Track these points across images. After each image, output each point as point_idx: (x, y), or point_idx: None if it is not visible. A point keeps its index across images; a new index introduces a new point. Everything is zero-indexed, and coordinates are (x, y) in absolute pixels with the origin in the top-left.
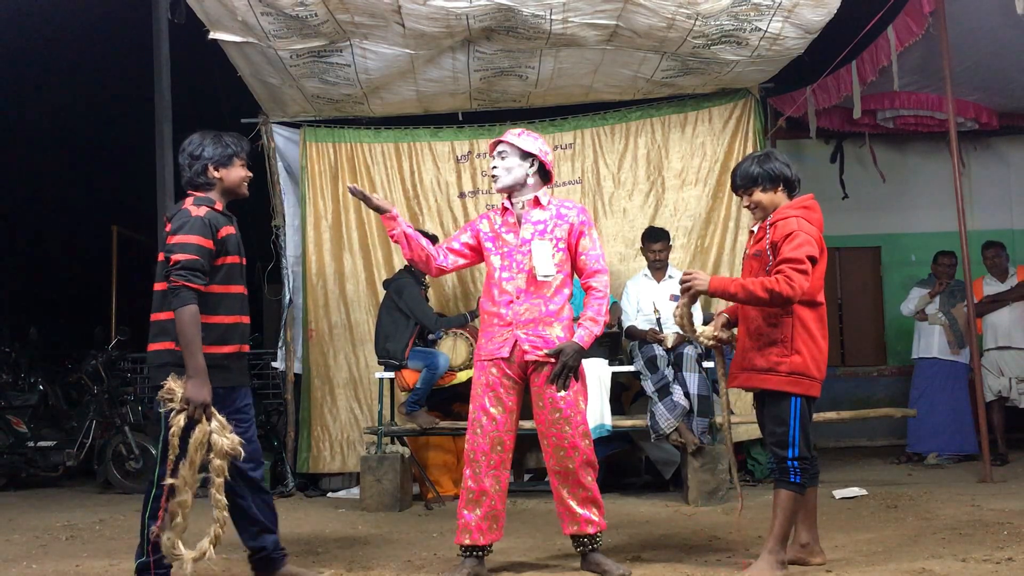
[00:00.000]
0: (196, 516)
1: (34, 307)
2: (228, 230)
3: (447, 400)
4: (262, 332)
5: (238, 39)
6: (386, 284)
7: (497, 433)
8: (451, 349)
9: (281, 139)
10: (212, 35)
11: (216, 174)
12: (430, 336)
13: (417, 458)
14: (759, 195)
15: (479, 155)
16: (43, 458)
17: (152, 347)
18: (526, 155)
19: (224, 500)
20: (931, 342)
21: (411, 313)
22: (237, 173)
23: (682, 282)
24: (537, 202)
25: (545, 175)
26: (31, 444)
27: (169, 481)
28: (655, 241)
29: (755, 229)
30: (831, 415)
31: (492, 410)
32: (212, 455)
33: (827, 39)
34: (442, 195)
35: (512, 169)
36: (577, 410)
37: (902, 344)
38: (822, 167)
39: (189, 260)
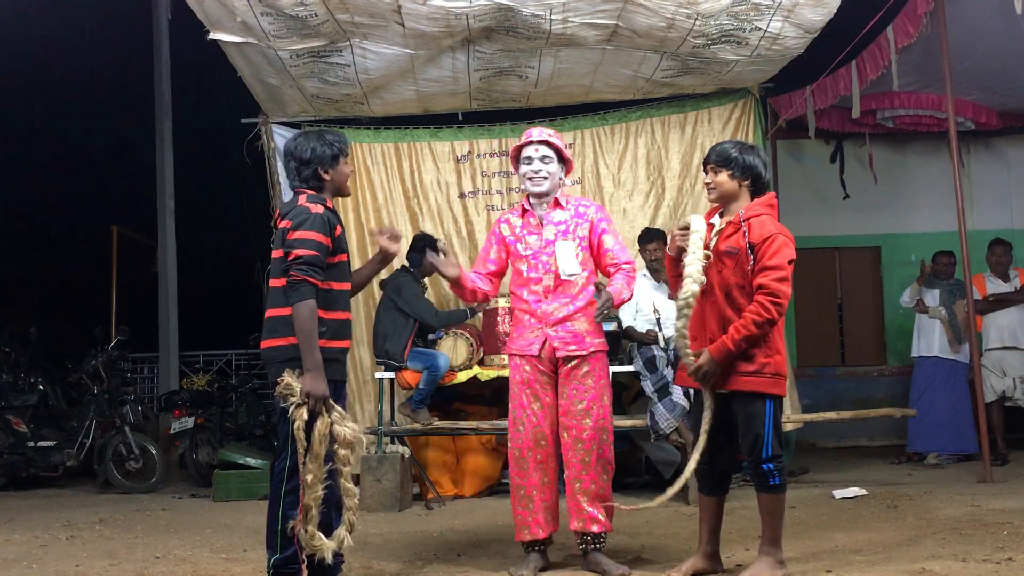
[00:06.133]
0: (197, 515)
1: (34, 307)
2: (340, 229)
3: (447, 400)
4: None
5: (238, 39)
6: (383, 284)
7: (539, 428)
8: (451, 349)
9: (281, 139)
10: (212, 35)
11: (327, 176)
12: (430, 336)
13: (417, 458)
14: (724, 179)
15: (479, 155)
16: (43, 458)
17: (271, 343)
18: (562, 158)
19: (354, 488)
20: (931, 341)
21: (411, 311)
22: (344, 171)
23: (699, 377)
24: (557, 203)
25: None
26: (31, 444)
27: (308, 477)
28: (649, 241)
29: (715, 223)
30: (831, 415)
31: (531, 406)
32: (336, 445)
33: (827, 39)
34: (442, 195)
35: (554, 174)
36: (601, 404)
37: (902, 344)
38: (822, 167)
39: (310, 256)
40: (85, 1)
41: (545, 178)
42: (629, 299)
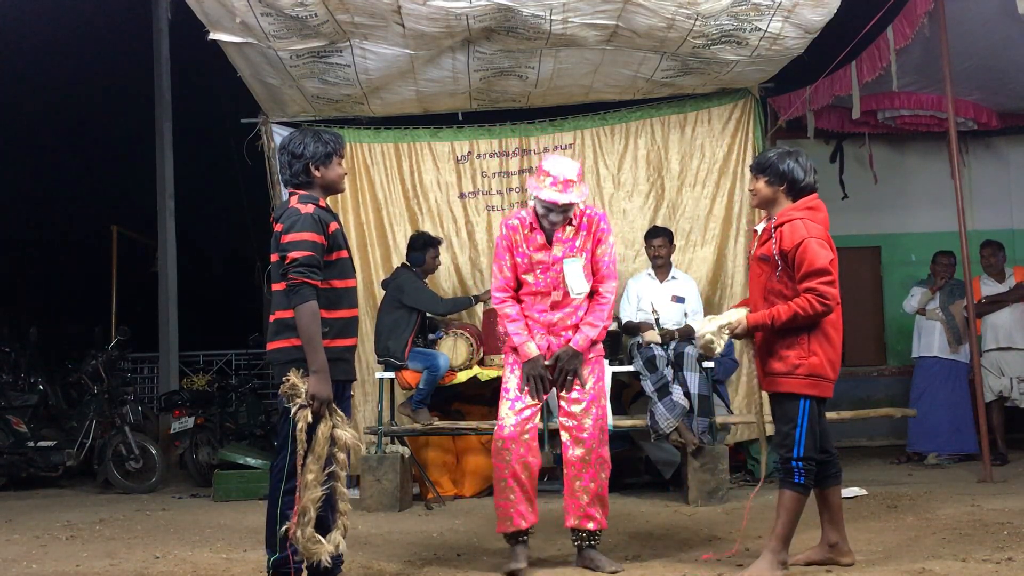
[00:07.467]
0: (197, 515)
1: (34, 307)
2: (334, 225)
3: (447, 400)
4: (263, 332)
5: (238, 40)
6: (385, 284)
7: (529, 422)
8: (451, 349)
9: (281, 139)
10: (212, 36)
11: (317, 173)
12: (431, 336)
13: (417, 458)
14: (760, 184)
15: (479, 155)
16: (43, 458)
17: (276, 344)
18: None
19: (347, 492)
20: (931, 341)
21: (417, 303)
22: (336, 171)
23: (733, 335)
24: (568, 222)
25: None
26: (31, 444)
27: (309, 477)
28: (655, 237)
29: (758, 230)
30: (831, 415)
31: (518, 403)
32: (335, 448)
33: (827, 39)
34: (442, 195)
35: (570, 214)
36: (599, 405)
37: (902, 344)
38: (822, 167)
39: (306, 257)
40: (85, 1)
41: (566, 222)
42: (600, 338)
